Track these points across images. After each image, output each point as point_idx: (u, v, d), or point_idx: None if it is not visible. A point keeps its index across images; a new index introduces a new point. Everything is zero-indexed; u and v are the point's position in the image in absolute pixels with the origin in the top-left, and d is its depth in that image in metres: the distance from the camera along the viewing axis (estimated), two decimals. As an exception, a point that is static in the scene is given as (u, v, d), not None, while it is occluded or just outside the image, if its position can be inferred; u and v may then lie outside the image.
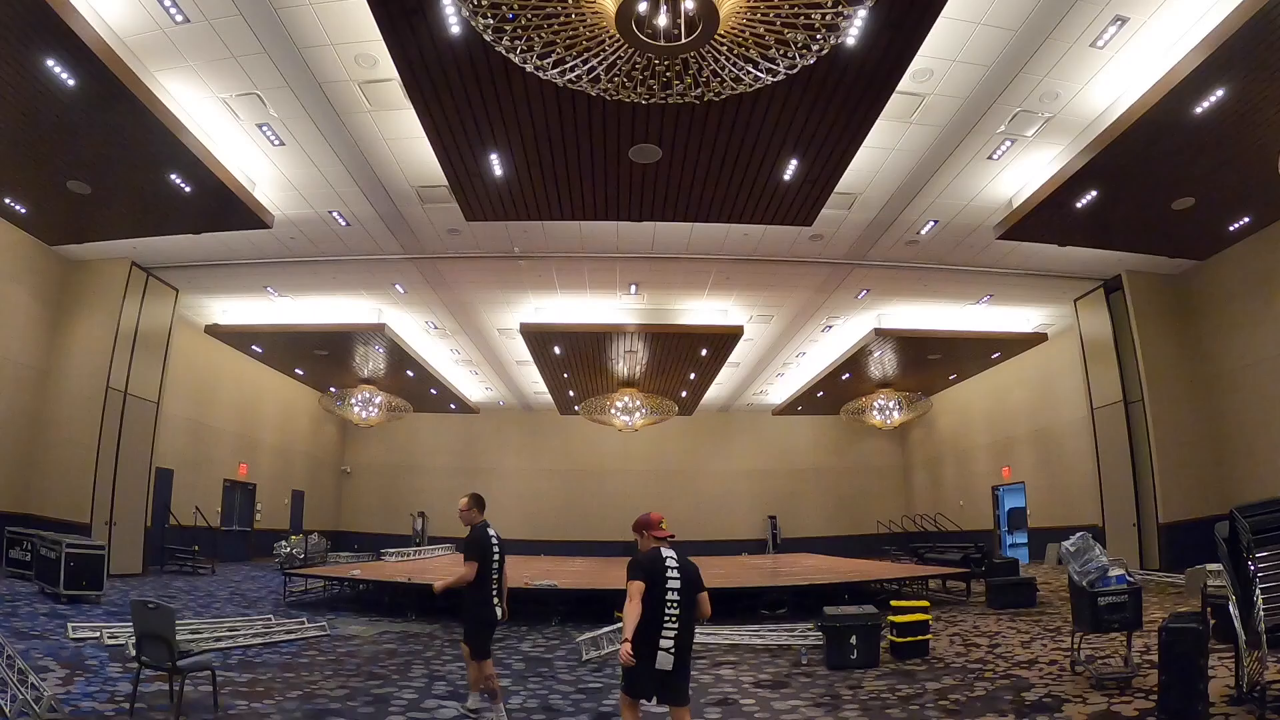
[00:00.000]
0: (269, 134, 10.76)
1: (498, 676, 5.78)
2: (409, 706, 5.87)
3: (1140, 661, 6.48)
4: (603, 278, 15.80)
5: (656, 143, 10.27)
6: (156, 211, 12.62)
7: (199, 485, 19.24)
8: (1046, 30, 8.62)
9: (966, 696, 6.00)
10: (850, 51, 8.26)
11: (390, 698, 6.10)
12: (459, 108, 9.44)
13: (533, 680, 6.92)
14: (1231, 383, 14.43)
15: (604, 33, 6.27)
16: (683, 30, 6.12)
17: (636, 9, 5.95)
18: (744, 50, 6.46)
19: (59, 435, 13.99)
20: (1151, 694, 5.45)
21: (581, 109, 9.38)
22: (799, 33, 6.20)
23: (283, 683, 6.58)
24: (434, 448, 28.86)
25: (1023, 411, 21.62)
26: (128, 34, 8.69)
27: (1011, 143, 11.05)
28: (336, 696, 6.10)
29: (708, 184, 11.40)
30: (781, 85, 7.84)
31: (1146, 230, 13.40)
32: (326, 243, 14.28)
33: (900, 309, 18.09)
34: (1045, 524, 19.68)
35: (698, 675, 7.11)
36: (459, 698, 6.11)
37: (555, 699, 6.28)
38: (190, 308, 17.79)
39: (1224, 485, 14.39)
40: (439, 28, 8.01)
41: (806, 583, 12.42)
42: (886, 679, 6.82)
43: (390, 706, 5.83)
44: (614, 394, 22.45)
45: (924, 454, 28.13)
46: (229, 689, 6.16)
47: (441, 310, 18.16)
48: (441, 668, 7.39)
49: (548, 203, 12.06)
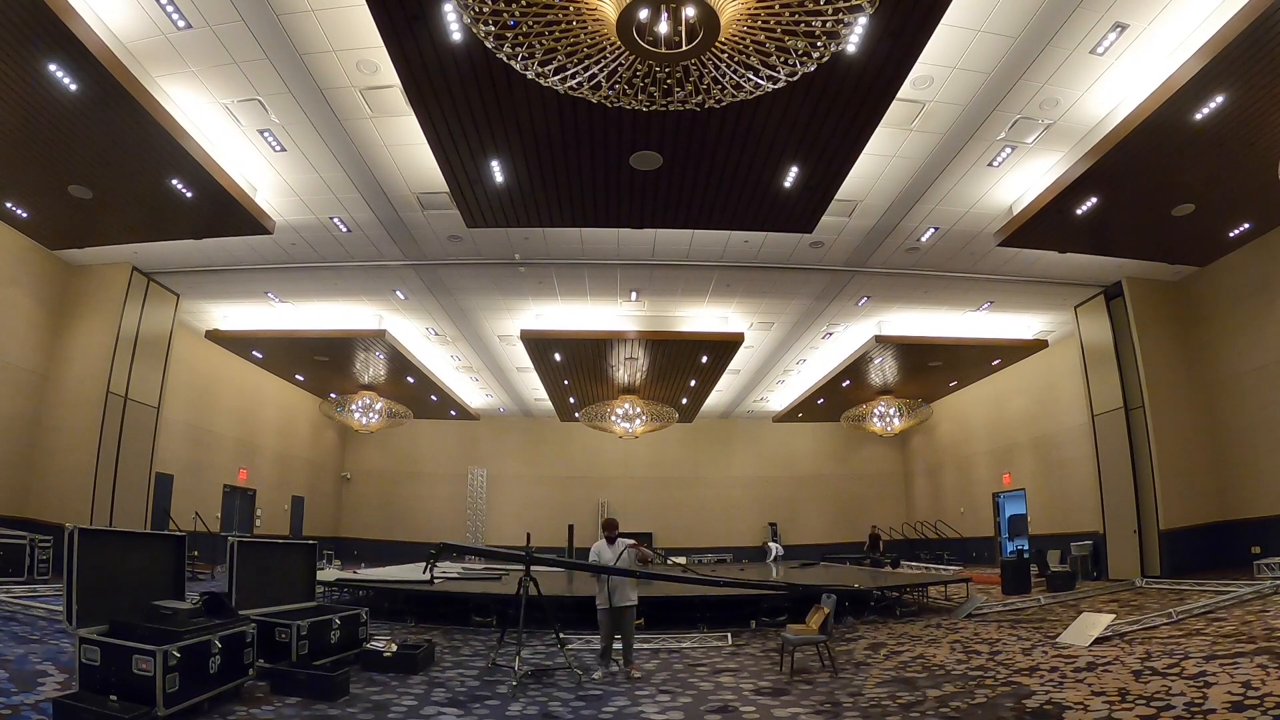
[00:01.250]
0: (270, 140, 10.78)
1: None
2: (408, 714, 5.85)
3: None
4: (603, 284, 15.82)
5: (657, 150, 10.30)
6: (158, 216, 12.64)
7: (199, 491, 19.22)
8: (1046, 37, 8.65)
9: (967, 704, 5.97)
10: (851, 59, 8.29)
11: (389, 705, 6.08)
12: (460, 114, 9.47)
13: (533, 688, 6.89)
14: (1232, 389, 14.43)
15: (605, 40, 6.29)
16: (683, 37, 6.14)
17: (638, 16, 5.97)
18: (745, 57, 6.48)
19: (59, 440, 14.00)
20: (1153, 701, 5.43)
21: (582, 116, 9.40)
22: (799, 40, 6.22)
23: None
24: (434, 454, 28.83)
25: (1023, 418, 21.60)
26: (130, 39, 8.72)
27: (1012, 149, 11.07)
28: (336, 702, 6.07)
29: (708, 191, 11.42)
30: (782, 92, 7.87)
31: (1147, 237, 13.41)
32: (327, 248, 14.30)
33: (901, 316, 18.09)
34: (1046, 530, 19.64)
35: (697, 683, 7.09)
36: (459, 704, 6.10)
37: (555, 705, 6.25)
38: (191, 313, 17.80)
39: (1225, 492, 14.39)
40: (440, 34, 8.04)
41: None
42: (887, 686, 6.79)
43: (389, 714, 5.81)
44: (614, 401, 22.44)
45: (925, 461, 28.10)
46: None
47: (442, 316, 18.17)
48: (441, 674, 7.36)
49: (548, 209, 12.08)
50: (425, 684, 6.91)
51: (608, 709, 6.15)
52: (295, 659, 6.76)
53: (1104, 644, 7.94)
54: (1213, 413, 14.89)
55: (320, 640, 7.21)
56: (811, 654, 8.25)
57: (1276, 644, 7.04)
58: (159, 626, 5.39)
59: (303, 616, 7.27)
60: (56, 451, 13.94)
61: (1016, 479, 22.03)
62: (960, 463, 25.33)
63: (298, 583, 8.35)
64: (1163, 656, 7.03)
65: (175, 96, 9.83)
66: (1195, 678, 6.00)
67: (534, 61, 6.51)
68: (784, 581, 12.51)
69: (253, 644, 6.13)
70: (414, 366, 20.96)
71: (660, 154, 10.40)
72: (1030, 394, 21.23)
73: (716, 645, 9.22)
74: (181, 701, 5.13)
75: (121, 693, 4.93)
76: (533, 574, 7.66)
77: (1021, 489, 21.67)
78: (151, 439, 15.70)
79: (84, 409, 14.21)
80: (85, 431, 14.09)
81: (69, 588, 5.33)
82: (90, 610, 5.37)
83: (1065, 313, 17.46)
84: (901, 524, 27.42)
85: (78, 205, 12.18)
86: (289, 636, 6.85)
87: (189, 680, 5.22)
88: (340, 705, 5.96)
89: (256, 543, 8.54)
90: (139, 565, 6.11)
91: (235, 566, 7.31)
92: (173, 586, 6.30)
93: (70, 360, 14.49)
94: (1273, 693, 5.28)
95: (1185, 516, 14.33)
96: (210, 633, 5.59)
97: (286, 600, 7.87)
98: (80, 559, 5.41)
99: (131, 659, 5.02)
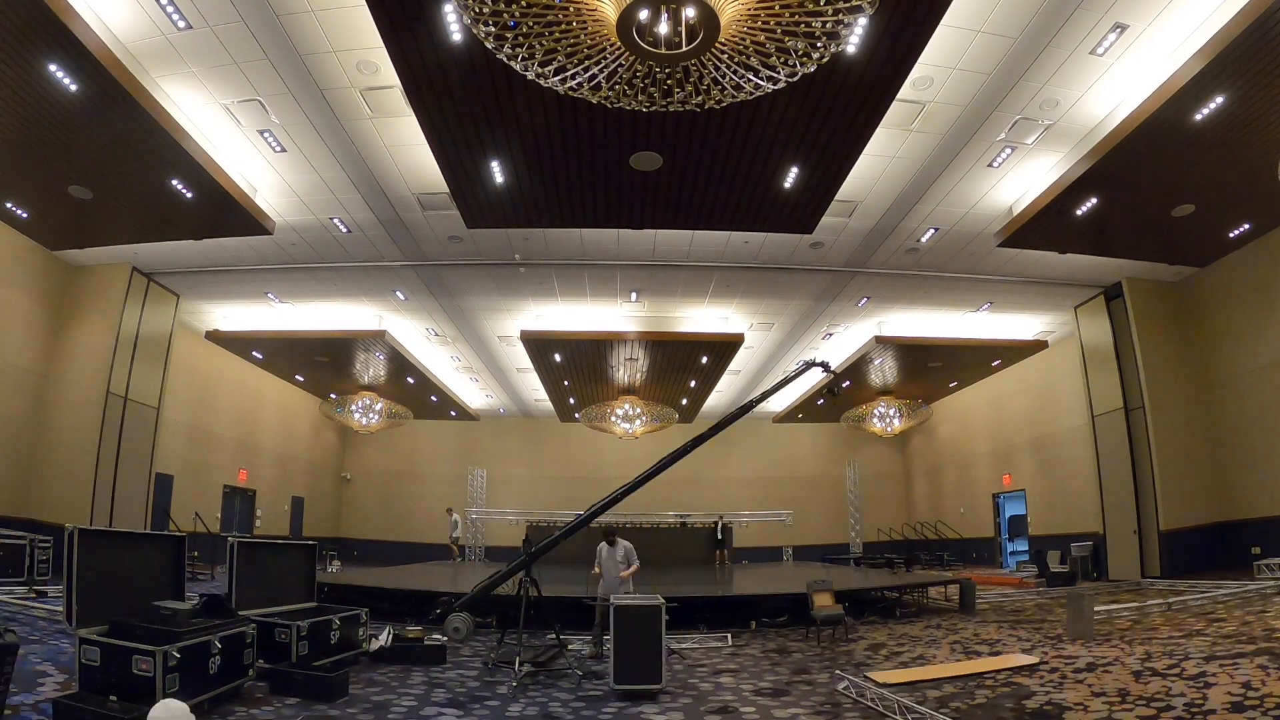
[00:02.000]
0: (270, 140, 10.79)
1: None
2: (408, 714, 5.84)
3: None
4: (603, 285, 15.81)
5: (657, 150, 10.30)
6: (158, 217, 12.64)
7: (199, 491, 19.22)
8: (1046, 38, 8.65)
9: (968, 704, 5.97)
10: (851, 59, 8.29)
11: (389, 705, 6.07)
12: (460, 115, 9.47)
13: (533, 688, 6.89)
14: (1232, 389, 14.42)
15: (605, 40, 6.29)
16: (684, 38, 6.14)
17: (638, 17, 5.97)
18: (745, 58, 6.48)
19: (59, 440, 14.00)
20: (1153, 702, 5.43)
21: (583, 116, 9.41)
22: (799, 41, 6.22)
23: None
24: (434, 455, 28.83)
25: (1023, 419, 21.60)
26: (130, 40, 8.72)
27: (1012, 150, 11.07)
28: (335, 703, 6.07)
29: (708, 191, 11.42)
30: (782, 93, 7.87)
31: (1147, 237, 13.42)
32: (327, 249, 14.30)
33: (901, 316, 18.09)
34: (1046, 531, 19.63)
35: (696, 683, 7.09)
36: (459, 705, 6.10)
37: (555, 706, 6.25)
38: (191, 313, 17.81)
39: (1225, 492, 14.39)
40: (440, 35, 8.05)
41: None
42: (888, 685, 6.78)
43: (389, 715, 5.80)
44: (614, 401, 22.44)
45: (925, 462, 28.09)
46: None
47: (442, 317, 18.17)
48: (441, 674, 7.36)
49: (548, 210, 12.09)
50: (425, 684, 6.91)
51: (607, 709, 6.15)
52: (295, 659, 6.76)
53: (1105, 644, 7.94)
54: (1213, 413, 14.89)
55: (321, 641, 7.21)
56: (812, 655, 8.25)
57: (1276, 644, 7.03)
58: (159, 627, 5.39)
59: (303, 617, 7.27)
60: (56, 452, 13.94)
61: (1017, 480, 22.02)
62: (960, 463, 25.33)
63: (298, 583, 8.35)
64: (1163, 657, 7.03)
65: (175, 97, 9.84)
66: (1195, 678, 6.00)
67: (534, 62, 6.51)
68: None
69: (252, 644, 6.13)
70: (414, 367, 20.96)
71: (660, 154, 10.40)
72: (1030, 394, 21.23)
73: (716, 645, 9.22)
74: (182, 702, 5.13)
75: (121, 693, 4.93)
76: (533, 574, 7.66)
77: (1022, 490, 21.66)
78: (152, 439, 15.70)
79: (84, 409, 14.22)
80: (85, 432, 14.09)
81: (68, 588, 5.33)
82: (90, 611, 5.37)
83: (1065, 313, 17.46)
84: (902, 524, 27.39)
85: (78, 206, 12.18)
86: (289, 637, 6.84)
87: (189, 680, 5.22)
88: (340, 705, 5.96)
89: (256, 543, 8.53)
90: (139, 566, 6.12)
91: (235, 567, 7.31)
92: (173, 587, 6.31)
93: (70, 361, 14.49)
94: (1273, 693, 5.28)
95: (1185, 517, 14.33)
96: (210, 633, 5.59)
97: (287, 601, 7.87)
98: (80, 560, 5.41)
99: (131, 659, 5.02)
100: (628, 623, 6.79)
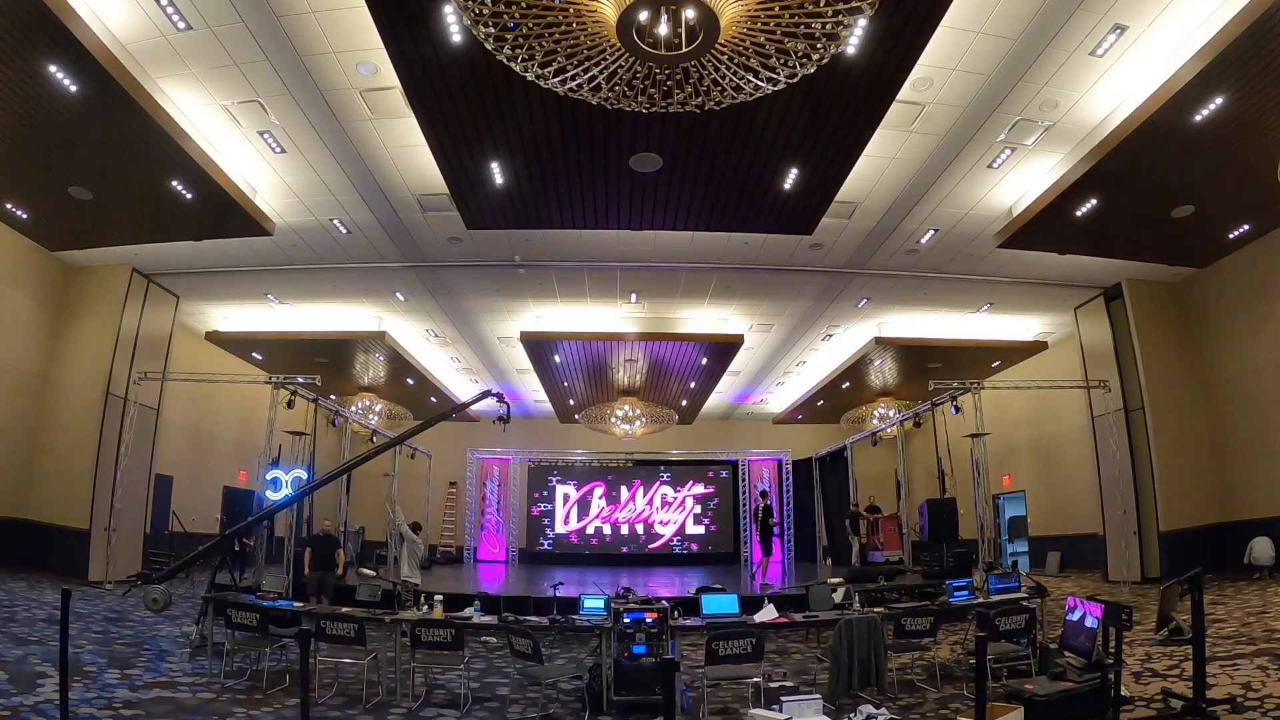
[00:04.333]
0: (270, 141, 10.79)
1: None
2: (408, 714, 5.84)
3: (1142, 670, 6.44)
4: (603, 286, 15.82)
5: (657, 151, 10.30)
6: (158, 218, 12.64)
7: (199, 492, 19.20)
8: (1046, 39, 8.65)
9: (968, 705, 5.97)
10: (850, 60, 8.29)
11: (389, 705, 6.07)
12: (460, 116, 9.47)
13: (532, 690, 6.89)
14: (1232, 390, 14.42)
15: (605, 42, 6.29)
16: (683, 39, 6.14)
17: (637, 18, 5.97)
18: (745, 59, 6.48)
19: (59, 441, 13.98)
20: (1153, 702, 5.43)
21: (582, 117, 9.41)
22: (799, 42, 6.21)
23: (281, 689, 6.54)
24: (433, 455, 28.77)
25: (1023, 419, 21.58)
26: (130, 40, 8.73)
27: (1011, 151, 11.07)
28: (335, 704, 6.07)
29: (708, 192, 11.42)
30: (782, 94, 7.86)
31: (1146, 238, 13.41)
32: (327, 250, 14.30)
33: (900, 318, 18.09)
34: (1046, 532, 19.63)
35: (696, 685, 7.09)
36: (458, 706, 6.09)
37: (555, 708, 6.25)
38: (191, 314, 17.80)
39: (1225, 493, 14.38)
40: (440, 36, 8.05)
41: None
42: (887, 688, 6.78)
43: (388, 715, 5.80)
44: (614, 402, 22.44)
45: (925, 463, 28.04)
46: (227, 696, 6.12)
47: (442, 318, 18.17)
48: (441, 675, 7.36)
49: (548, 211, 12.08)
50: (425, 685, 6.91)
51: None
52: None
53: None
54: (1213, 414, 14.88)
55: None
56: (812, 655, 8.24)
57: (1276, 645, 7.04)
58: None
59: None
60: (56, 453, 13.92)
61: (1016, 480, 22.01)
62: (960, 464, 25.27)
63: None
64: (1163, 658, 7.03)
65: (175, 98, 9.84)
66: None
67: (534, 63, 6.50)
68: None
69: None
70: (414, 368, 20.95)
71: (660, 155, 10.40)
72: (1030, 395, 21.15)
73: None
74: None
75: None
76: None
77: (1021, 490, 21.65)
78: (151, 440, 15.69)
79: (84, 410, 14.19)
80: (85, 433, 14.07)
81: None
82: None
83: (1065, 314, 17.45)
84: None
85: (78, 207, 12.17)
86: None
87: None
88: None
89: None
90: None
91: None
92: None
93: (70, 361, 14.47)
94: (1272, 694, 5.29)
95: (1185, 518, 14.32)
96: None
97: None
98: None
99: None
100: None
